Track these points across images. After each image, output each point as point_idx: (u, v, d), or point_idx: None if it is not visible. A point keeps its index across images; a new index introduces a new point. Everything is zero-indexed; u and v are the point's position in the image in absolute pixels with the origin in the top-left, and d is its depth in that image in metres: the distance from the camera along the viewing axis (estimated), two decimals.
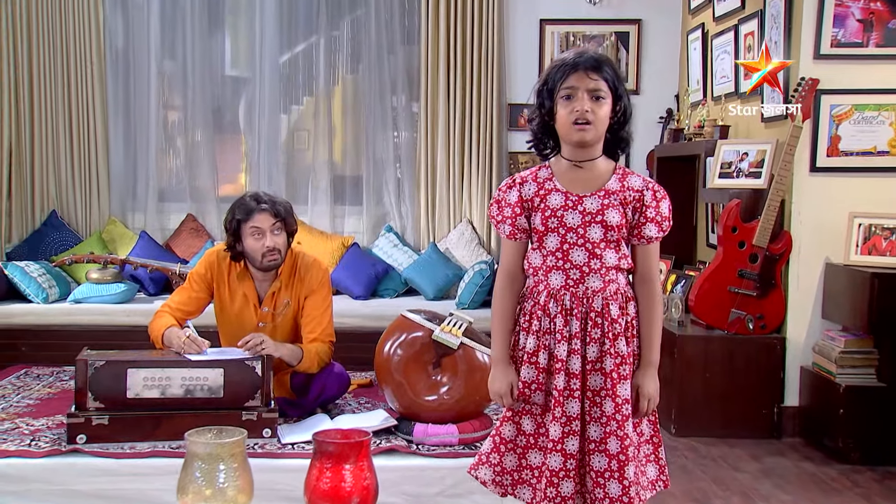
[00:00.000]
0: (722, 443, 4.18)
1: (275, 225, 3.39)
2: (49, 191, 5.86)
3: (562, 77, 2.18)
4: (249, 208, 3.39)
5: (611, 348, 2.20)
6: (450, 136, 5.87)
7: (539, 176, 2.29)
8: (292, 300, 3.53)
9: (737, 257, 4.25)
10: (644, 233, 2.25)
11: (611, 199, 2.22)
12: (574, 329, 2.21)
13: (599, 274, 2.21)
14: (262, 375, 3.20)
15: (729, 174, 4.48)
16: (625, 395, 2.21)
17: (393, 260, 5.79)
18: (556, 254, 2.23)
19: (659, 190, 2.26)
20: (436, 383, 3.28)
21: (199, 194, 6.05)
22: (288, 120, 6.16)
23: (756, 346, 4.27)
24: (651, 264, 2.29)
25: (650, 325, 2.27)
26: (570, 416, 2.21)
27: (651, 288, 2.28)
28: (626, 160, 5.96)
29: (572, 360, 2.21)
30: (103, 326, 5.03)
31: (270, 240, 3.38)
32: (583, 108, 2.16)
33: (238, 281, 3.49)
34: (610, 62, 2.22)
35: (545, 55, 5.97)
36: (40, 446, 3.01)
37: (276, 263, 3.45)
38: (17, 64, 5.73)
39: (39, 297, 5.13)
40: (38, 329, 5.02)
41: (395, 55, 5.99)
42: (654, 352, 2.28)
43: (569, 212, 2.22)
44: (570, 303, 2.22)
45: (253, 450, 3.07)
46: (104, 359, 3.07)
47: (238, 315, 3.52)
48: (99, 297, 5.18)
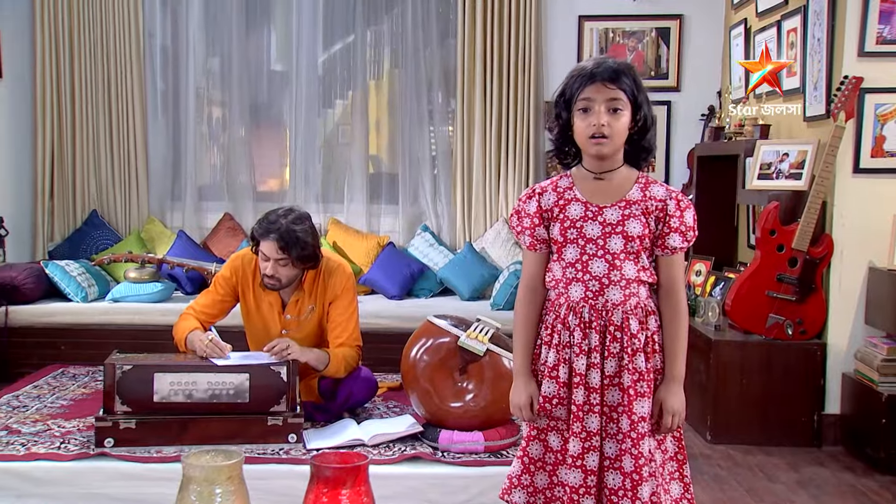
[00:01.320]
0: (759, 451, 4.10)
1: (279, 260, 3.34)
2: (90, 191, 5.96)
3: (579, 88, 2.14)
4: (263, 231, 3.34)
5: (629, 364, 2.17)
6: (486, 135, 5.84)
7: (559, 185, 2.26)
8: (317, 305, 3.54)
9: (775, 261, 4.16)
10: (668, 243, 2.20)
11: (632, 209, 2.18)
12: (593, 342, 2.18)
13: (619, 286, 2.17)
14: (287, 380, 3.21)
15: (768, 175, 4.39)
16: (641, 412, 2.17)
17: (428, 260, 5.78)
18: (576, 265, 2.20)
19: (683, 199, 2.22)
20: (462, 390, 3.26)
21: (237, 193, 6.11)
22: (324, 119, 6.19)
23: (795, 351, 4.18)
24: (675, 276, 2.24)
25: (674, 338, 2.22)
26: (589, 431, 2.18)
27: (675, 300, 2.23)
28: (665, 158, 5.90)
29: (591, 374, 2.18)
30: (140, 326, 5.10)
31: (272, 268, 3.35)
32: (599, 122, 2.12)
33: (263, 287, 3.50)
34: (630, 70, 2.17)
35: (583, 52, 5.91)
36: (69, 449, 3.06)
37: (274, 288, 3.44)
38: (59, 65, 5.83)
39: (79, 296, 5.22)
40: (77, 328, 5.10)
41: (431, 53, 5.99)
42: (678, 366, 2.22)
43: (588, 222, 2.19)
44: (589, 315, 2.18)
45: (278, 455, 3.10)
46: (131, 363, 3.11)
47: (263, 321, 3.54)
48: (136, 296, 5.25)
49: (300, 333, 3.52)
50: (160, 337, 5.03)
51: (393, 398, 3.90)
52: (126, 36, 5.85)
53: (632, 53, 5.91)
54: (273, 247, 3.31)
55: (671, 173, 5.95)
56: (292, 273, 3.42)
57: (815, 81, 4.39)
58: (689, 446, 4.10)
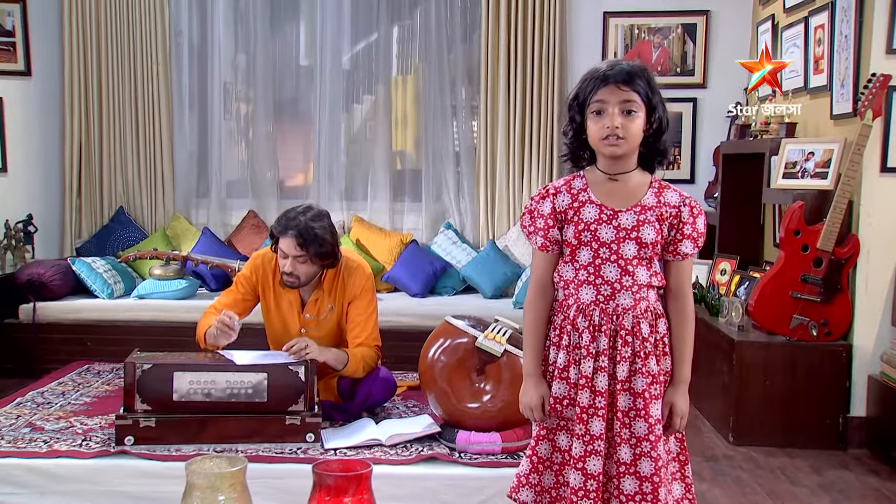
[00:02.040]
0: (782, 453, 4.07)
1: (298, 257, 3.36)
2: (117, 188, 6.04)
3: (592, 91, 2.14)
4: (281, 228, 3.37)
5: (642, 367, 2.18)
6: (510, 132, 5.84)
7: (573, 186, 2.26)
8: (336, 305, 3.56)
9: (800, 261, 4.12)
10: (680, 249, 2.23)
11: (647, 214, 2.19)
12: (602, 346, 2.19)
13: (631, 291, 2.19)
14: (305, 380, 3.24)
15: (793, 174, 4.35)
16: (657, 415, 2.19)
17: (451, 257, 5.79)
18: (588, 268, 2.21)
19: (696, 206, 2.24)
20: (479, 391, 3.27)
21: (261, 190, 6.15)
22: (348, 116, 6.21)
23: (820, 353, 4.14)
24: (684, 280, 2.27)
25: (682, 341, 2.25)
26: (593, 435, 2.18)
27: (683, 304, 2.26)
28: (691, 156, 5.86)
29: (598, 377, 2.19)
30: (164, 323, 5.16)
31: (290, 265, 3.37)
32: (613, 125, 2.12)
33: (282, 286, 3.53)
34: (644, 73, 2.16)
35: (608, 49, 5.88)
36: (91, 447, 3.11)
37: (293, 286, 3.46)
38: (87, 63, 5.91)
39: (105, 292, 5.29)
40: (103, 324, 5.17)
41: (455, 51, 5.99)
42: (686, 369, 2.26)
43: (602, 226, 2.19)
44: (599, 319, 2.19)
45: (296, 454, 3.12)
46: (151, 362, 3.15)
47: (283, 320, 3.57)
48: (161, 293, 5.32)
49: (319, 332, 3.54)
50: (185, 333, 5.06)
51: (412, 397, 3.91)
52: (153, 33, 5.92)
53: (657, 50, 5.87)
54: (291, 244, 3.34)
55: (697, 171, 5.91)
56: (311, 271, 3.44)
57: (842, 79, 4.34)
58: (710, 447, 4.09)
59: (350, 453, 3.15)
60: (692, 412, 4.63)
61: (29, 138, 5.91)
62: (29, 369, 4.94)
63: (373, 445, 3.23)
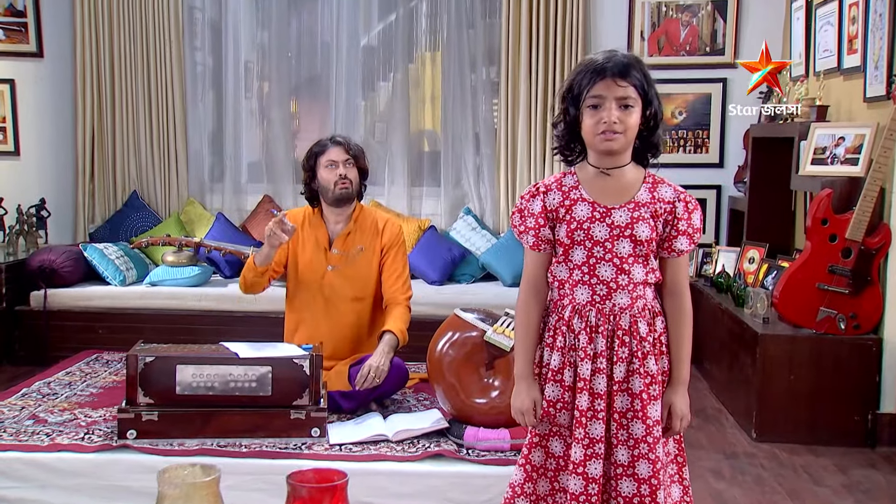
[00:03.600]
0: (807, 451, 4.03)
1: (347, 160, 3.68)
2: (130, 172, 6.09)
3: (588, 84, 2.12)
4: (324, 144, 3.73)
5: (640, 367, 2.17)
6: (531, 115, 5.80)
7: (564, 184, 2.24)
8: (367, 248, 3.72)
9: (827, 252, 4.07)
10: (675, 246, 2.22)
11: (641, 211, 2.17)
12: (599, 347, 2.18)
13: (627, 290, 2.18)
14: (310, 373, 3.25)
15: (822, 160, 4.29)
16: (655, 416, 2.18)
17: (471, 244, 5.79)
18: (583, 268, 2.19)
19: (691, 201, 2.23)
20: (488, 386, 3.28)
21: (277, 175, 6.18)
22: (365, 100, 6.20)
23: (848, 347, 4.09)
24: (680, 277, 2.26)
25: (680, 341, 2.24)
26: (592, 437, 2.17)
27: (680, 301, 2.26)
28: (720, 139, 5.79)
29: (597, 379, 2.18)
30: (175, 310, 5.21)
31: (343, 169, 3.65)
32: (611, 120, 2.10)
33: (311, 227, 3.74)
34: (639, 64, 2.15)
35: (634, 27, 5.82)
36: (93, 440, 3.16)
37: (347, 192, 3.68)
38: (99, 44, 5.95)
39: (117, 279, 5.35)
40: (114, 312, 5.23)
41: (475, 30, 5.96)
42: (684, 369, 2.25)
43: (596, 224, 2.18)
44: (596, 319, 2.18)
45: (300, 450, 3.15)
46: (154, 354, 3.18)
47: (309, 264, 3.70)
48: (174, 280, 5.37)
49: (346, 272, 3.69)
50: (197, 322, 5.17)
51: (424, 390, 3.92)
52: (166, 12, 5.93)
53: (685, 28, 5.80)
54: (339, 150, 3.69)
55: (726, 155, 5.85)
56: (356, 179, 3.73)
57: (875, 60, 4.26)
58: (732, 444, 4.08)
59: (355, 449, 3.17)
60: (714, 406, 4.63)
61: (41, 121, 5.98)
62: (40, 357, 5.02)
63: (378, 441, 3.25)
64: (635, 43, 5.81)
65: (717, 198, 5.87)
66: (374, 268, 3.75)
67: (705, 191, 5.82)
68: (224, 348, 3.36)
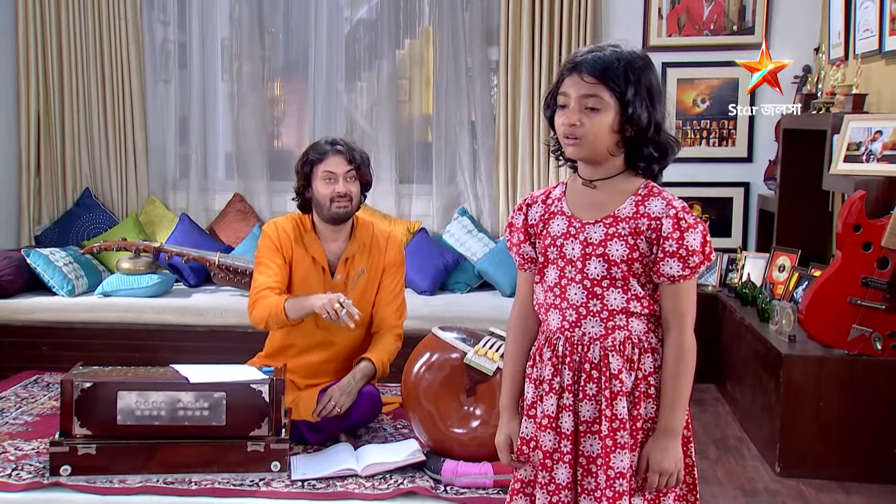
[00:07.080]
0: (837, 487, 4.05)
1: (349, 172, 3.66)
2: (82, 166, 6.14)
3: (559, 80, 2.14)
4: (323, 150, 3.66)
5: (606, 409, 2.13)
6: (533, 104, 5.82)
7: (551, 195, 2.27)
8: (369, 269, 3.76)
9: (861, 262, 4.08)
10: (663, 270, 2.12)
11: (618, 227, 2.13)
12: (566, 381, 2.17)
13: (599, 318, 2.15)
14: (270, 400, 3.30)
15: (857, 157, 4.30)
16: (620, 467, 2.12)
17: (465, 249, 5.82)
18: (555, 290, 2.20)
19: (685, 217, 2.10)
20: (468, 414, 3.32)
21: (249, 171, 6.22)
22: (348, 90, 6.22)
23: (885, 370, 4.09)
24: (675, 308, 2.15)
25: (670, 383, 2.15)
26: (558, 483, 2.18)
27: (675, 337, 2.15)
28: (749, 130, 5.81)
29: (563, 417, 2.17)
30: (131, 324, 5.23)
31: (342, 185, 3.62)
32: (568, 122, 2.09)
33: (305, 243, 3.72)
34: (628, 64, 2.08)
35: (651, 5, 5.83)
36: (21, 477, 3.21)
37: (345, 212, 3.67)
38: (44, 21, 5.97)
39: (64, 289, 5.39)
40: (61, 326, 5.25)
41: (471, 9, 5.97)
42: (671, 417, 2.15)
43: (569, 241, 2.18)
44: (563, 349, 2.18)
45: (257, 487, 3.19)
46: (92, 379, 3.23)
47: (304, 280, 3.72)
48: (129, 289, 5.40)
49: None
50: (156, 338, 5.20)
51: (403, 417, 3.96)
52: None
53: (709, 5, 5.81)
54: (340, 159, 3.65)
55: (755, 148, 5.86)
56: (357, 195, 3.71)
57: None
58: (752, 479, 4.09)
59: (319, 486, 3.22)
60: (736, 435, 4.65)
61: None
62: None
63: (346, 476, 3.29)
64: (652, 21, 5.83)
65: (745, 197, 5.89)
66: (374, 289, 3.82)
67: (731, 188, 5.85)
68: (174, 371, 3.40)
